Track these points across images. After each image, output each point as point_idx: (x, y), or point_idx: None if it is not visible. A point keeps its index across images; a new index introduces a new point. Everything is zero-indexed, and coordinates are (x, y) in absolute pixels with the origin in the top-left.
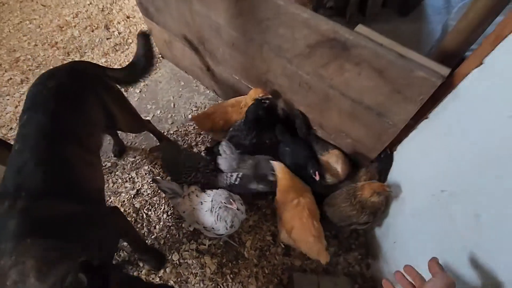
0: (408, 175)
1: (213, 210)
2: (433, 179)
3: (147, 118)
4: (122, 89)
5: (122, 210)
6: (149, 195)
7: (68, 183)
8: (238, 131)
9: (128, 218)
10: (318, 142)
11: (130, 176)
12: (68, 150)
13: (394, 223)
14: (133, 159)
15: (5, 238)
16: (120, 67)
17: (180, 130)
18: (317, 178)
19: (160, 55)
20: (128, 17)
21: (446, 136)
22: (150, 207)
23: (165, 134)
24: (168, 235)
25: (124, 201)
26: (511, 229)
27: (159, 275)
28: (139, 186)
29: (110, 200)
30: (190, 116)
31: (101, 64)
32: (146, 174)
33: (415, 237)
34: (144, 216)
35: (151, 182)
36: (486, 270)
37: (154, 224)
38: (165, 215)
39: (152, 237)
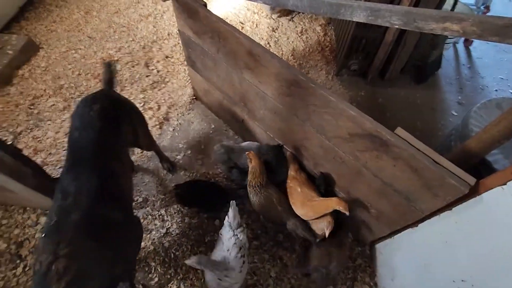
0: (428, 254)
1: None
2: (454, 267)
3: (178, 157)
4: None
5: (152, 248)
6: (178, 235)
7: (115, 190)
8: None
9: (157, 257)
10: None
11: (159, 213)
12: (114, 163)
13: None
14: (163, 196)
15: (67, 226)
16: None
17: (209, 172)
18: None
19: (194, 97)
20: (167, 57)
21: (469, 233)
22: (178, 248)
23: (194, 175)
24: (193, 278)
25: (154, 239)
26: None
27: None
28: (168, 225)
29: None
30: None
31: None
32: (175, 213)
33: None
34: (172, 256)
35: (180, 222)
36: None
37: (181, 265)
38: None
39: (179, 277)
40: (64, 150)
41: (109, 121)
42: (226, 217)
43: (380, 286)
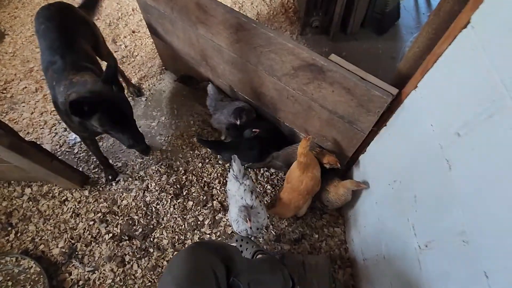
0: (374, 171)
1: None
2: (389, 172)
3: (153, 124)
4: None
5: (134, 204)
6: (157, 191)
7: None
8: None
9: (139, 211)
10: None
11: (139, 175)
12: (78, 40)
13: (365, 211)
14: (141, 160)
15: (62, 71)
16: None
17: (183, 134)
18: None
19: (163, 67)
20: (133, 32)
21: (397, 139)
22: (159, 202)
23: (169, 138)
24: (174, 225)
25: (135, 196)
26: (432, 204)
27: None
28: (147, 183)
29: (122, 196)
30: (192, 122)
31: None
32: (153, 173)
33: (379, 221)
34: (154, 209)
35: (158, 180)
36: (421, 231)
37: (162, 216)
38: (172, 208)
39: (161, 227)
40: (41, 128)
41: (68, 16)
42: (230, 171)
43: (344, 215)
